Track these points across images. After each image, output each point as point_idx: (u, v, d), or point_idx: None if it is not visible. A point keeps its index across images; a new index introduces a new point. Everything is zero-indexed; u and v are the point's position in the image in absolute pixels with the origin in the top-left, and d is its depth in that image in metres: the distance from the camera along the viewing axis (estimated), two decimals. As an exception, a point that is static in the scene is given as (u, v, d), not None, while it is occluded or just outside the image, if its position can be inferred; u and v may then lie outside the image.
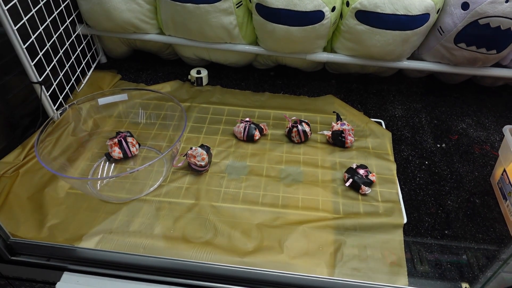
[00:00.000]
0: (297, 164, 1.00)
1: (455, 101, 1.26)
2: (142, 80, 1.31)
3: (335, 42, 1.19)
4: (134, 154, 1.01)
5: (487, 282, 0.62)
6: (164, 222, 0.85)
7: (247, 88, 1.29)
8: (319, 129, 1.11)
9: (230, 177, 0.96)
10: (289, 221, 0.86)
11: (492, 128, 1.16)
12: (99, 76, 1.30)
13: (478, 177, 0.99)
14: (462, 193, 0.94)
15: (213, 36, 1.18)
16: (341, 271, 0.77)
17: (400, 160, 1.03)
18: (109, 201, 0.90)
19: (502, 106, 1.25)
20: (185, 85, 1.29)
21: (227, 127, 1.11)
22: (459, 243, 0.83)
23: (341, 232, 0.84)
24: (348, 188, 0.93)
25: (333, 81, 1.34)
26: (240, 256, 0.78)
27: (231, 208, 0.89)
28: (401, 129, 1.13)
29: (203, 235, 0.83)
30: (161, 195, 0.91)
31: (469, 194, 0.94)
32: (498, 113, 1.22)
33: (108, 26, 1.19)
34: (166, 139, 1.07)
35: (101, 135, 1.07)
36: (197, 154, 0.94)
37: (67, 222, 0.85)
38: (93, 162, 1.00)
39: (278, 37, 1.11)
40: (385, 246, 0.82)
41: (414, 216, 0.88)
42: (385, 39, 1.07)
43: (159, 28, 1.25)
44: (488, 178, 0.99)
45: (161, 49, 1.36)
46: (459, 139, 1.11)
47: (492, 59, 1.11)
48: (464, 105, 1.25)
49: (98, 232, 0.83)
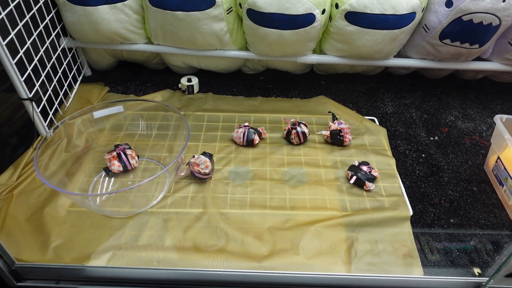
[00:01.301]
0: (299, 165, 1.01)
1: (440, 95, 1.31)
2: (131, 91, 1.29)
3: (324, 44, 1.21)
4: (134, 167, 0.98)
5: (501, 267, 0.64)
6: (173, 233, 0.84)
7: (239, 93, 1.29)
8: (315, 130, 1.12)
9: (234, 183, 0.96)
10: (299, 222, 0.86)
11: (478, 119, 1.21)
12: (87, 89, 1.26)
13: (472, 166, 1.03)
14: (460, 182, 0.98)
15: (204, 43, 1.17)
16: (358, 267, 0.77)
17: (398, 155, 1.05)
18: (113, 216, 0.87)
19: (484, 97, 1.32)
20: (176, 94, 1.27)
21: (224, 133, 1.11)
22: (465, 230, 0.86)
23: (351, 229, 0.85)
24: (352, 186, 0.95)
25: (323, 82, 1.36)
26: (257, 260, 0.78)
27: (240, 214, 0.88)
28: (394, 125, 1.17)
29: (216, 243, 0.82)
30: (167, 206, 0.90)
31: (467, 183, 0.98)
32: (482, 105, 1.28)
33: (94, 37, 1.16)
34: (164, 149, 1.05)
35: (96, 150, 1.04)
36: (201, 162, 0.93)
37: (72, 241, 0.82)
38: (91, 178, 0.97)
39: (270, 41, 1.12)
40: (395, 239, 0.83)
41: (419, 208, 0.90)
42: (374, 39, 1.10)
43: (147, 38, 1.23)
44: (482, 166, 1.03)
45: (148, 59, 1.34)
46: (449, 131, 1.15)
47: (475, 53, 1.16)
48: (449, 98, 1.30)
49: (107, 249, 0.80)
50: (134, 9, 1.12)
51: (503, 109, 1.26)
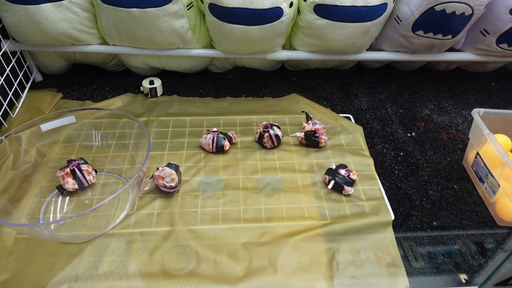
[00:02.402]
0: (274, 171, 0.95)
1: (414, 88, 1.28)
2: (88, 97, 1.17)
3: (293, 39, 1.15)
4: (91, 183, 0.89)
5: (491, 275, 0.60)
6: (138, 257, 0.75)
7: (206, 94, 1.21)
8: (289, 131, 1.06)
9: (204, 195, 0.88)
10: (277, 235, 0.80)
11: (453, 111, 1.19)
12: (37, 97, 1.14)
13: (451, 162, 1.00)
14: (440, 180, 0.94)
15: (164, 42, 1.08)
16: (340, 281, 0.72)
17: (376, 154, 1.01)
18: (69, 241, 0.78)
19: (458, 89, 1.29)
20: (138, 98, 1.17)
21: (192, 139, 1.03)
22: (449, 232, 0.82)
23: (332, 239, 0.79)
24: (330, 191, 0.89)
25: (294, 79, 1.30)
26: (231, 284, 0.71)
27: (211, 230, 0.81)
28: (370, 122, 1.12)
29: (185, 265, 0.74)
30: (130, 226, 0.81)
31: (447, 181, 0.94)
32: (456, 96, 1.26)
33: (40, 39, 1.04)
34: (126, 161, 0.96)
35: (49, 165, 0.93)
36: (166, 174, 0.84)
37: (21, 275, 0.72)
38: (43, 198, 0.86)
39: (236, 38, 1.04)
40: (378, 246, 0.79)
41: (401, 211, 0.86)
42: (345, 32, 1.04)
43: (101, 38, 1.12)
44: (460, 162, 1.00)
45: (105, 61, 1.23)
46: (426, 126, 1.12)
47: (448, 44, 1.13)
48: (423, 91, 1.27)
49: (61, 281, 0.71)
50: (83, 6, 1.01)
51: (477, 99, 1.24)
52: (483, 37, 1.11)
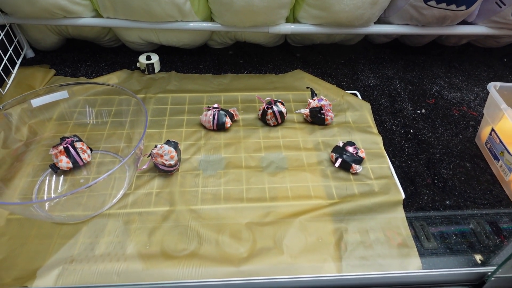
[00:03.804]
0: (278, 149, 0.90)
1: (423, 64, 1.22)
2: (82, 74, 1.12)
3: (298, 11, 1.08)
4: (86, 162, 0.84)
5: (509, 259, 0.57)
6: (137, 238, 0.72)
7: (206, 71, 1.15)
8: (293, 108, 1.01)
9: (205, 173, 0.84)
10: (281, 215, 0.76)
11: (464, 88, 1.13)
12: (28, 73, 1.09)
13: (463, 139, 0.95)
14: (452, 158, 0.90)
15: (162, 14, 1.02)
16: (349, 263, 0.68)
17: (384, 132, 0.96)
18: (63, 222, 0.74)
19: (469, 64, 1.24)
20: (134, 74, 1.12)
21: (192, 116, 0.98)
22: (462, 211, 0.78)
23: (340, 218, 0.76)
24: (337, 169, 0.85)
25: (298, 55, 1.24)
26: (235, 265, 0.67)
27: (213, 210, 0.77)
28: (378, 99, 1.07)
29: (186, 246, 0.71)
30: (128, 206, 0.77)
31: (459, 159, 0.90)
32: (467, 72, 1.20)
33: (30, 11, 0.98)
34: (122, 139, 0.91)
35: (42, 143, 0.89)
36: (164, 152, 0.80)
37: (13, 257, 0.68)
38: (36, 178, 0.82)
39: (237, 9, 0.98)
40: (388, 226, 0.75)
41: (411, 190, 0.82)
42: (353, 3, 0.98)
43: (94, 10, 1.06)
44: (473, 139, 0.96)
45: (99, 35, 1.17)
46: (436, 103, 1.07)
47: (461, 16, 1.07)
48: (433, 67, 1.21)
49: (56, 263, 0.67)
50: (75, -26, 0.95)
51: (488, 76, 1.19)
52: (499, 8, 1.05)
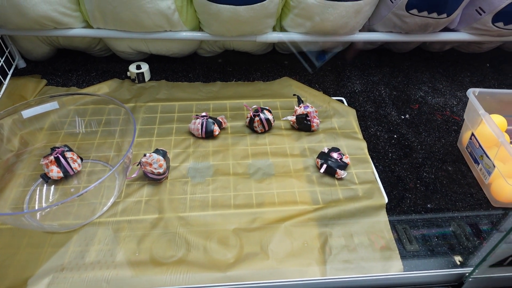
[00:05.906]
0: (265, 156, 0.92)
1: (408, 70, 1.25)
2: (73, 83, 1.14)
3: (284, 20, 1.11)
4: (76, 171, 0.86)
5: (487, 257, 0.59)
6: (126, 246, 0.73)
7: (195, 79, 1.17)
8: (281, 115, 1.03)
9: (194, 181, 0.86)
10: (268, 220, 0.78)
11: (447, 93, 1.16)
12: (20, 84, 1.10)
13: (445, 144, 0.98)
14: (434, 162, 0.93)
15: (150, 25, 1.04)
16: (333, 266, 0.71)
17: (369, 137, 0.99)
18: (54, 231, 0.76)
19: (452, 70, 1.27)
20: (125, 84, 1.14)
21: (181, 125, 1.00)
22: (443, 214, 0.81)
23: (324, 223, 0.78)
24: (323, 175, 0.87)
25: (286, 62, 1.27)
26: (222, 270, 0.69)
27: (201, 216, 0.79)
28: (364, 105, 1.10)
29: (175, 252, 0.72)
30: (118, 214, 0.79)
31: (441, 163, 0.93)
32: (450, 78, 1.23)
33: (20, 23, 1.00)
34: (112, 148, 0.93)
35: (33, 154, 0.90)
36: (153, 161, 0.82)
37: (4, 266, 0.69)
38: (27, 188, 0.84)
39: (224, 19, 1.00)
40: (372, 230, 0.77)
41: (394, 194, 0.84)
42: (337, 12, 1.01)
43: (84, 21, 1.08)
44: (455, 143, 0.98)
45: (90, 45, 1.19)
46: (420, 108, 1.10)
47: (442, 23, 1.10)
48: (417, 73, 1.24)
49: (47, 271, 0.69)
50: (64, -13, 0.97)
51: (472, 81, 1.22)
52: (479, 16, 1.08)
